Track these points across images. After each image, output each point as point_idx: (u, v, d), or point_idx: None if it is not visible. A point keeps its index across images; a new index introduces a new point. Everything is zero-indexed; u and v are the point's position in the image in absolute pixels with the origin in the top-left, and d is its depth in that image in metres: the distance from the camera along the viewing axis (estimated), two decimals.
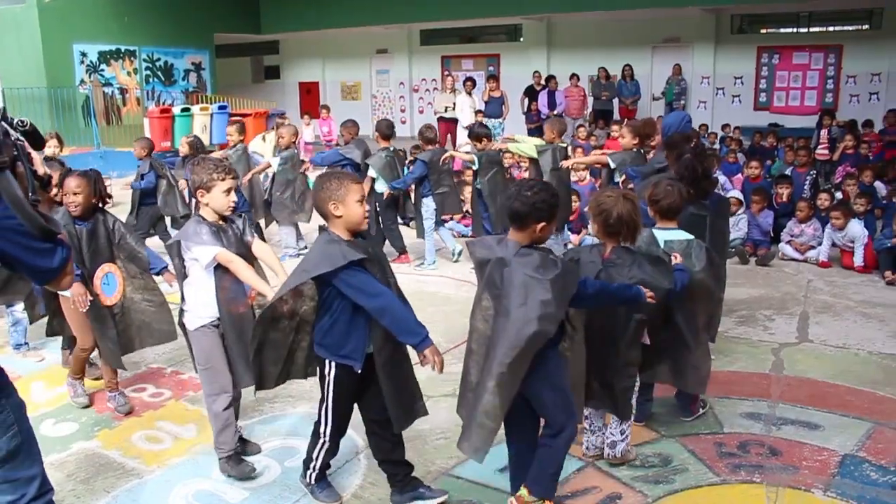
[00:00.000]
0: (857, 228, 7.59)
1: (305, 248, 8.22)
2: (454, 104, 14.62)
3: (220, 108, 16.73)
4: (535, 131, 15.72)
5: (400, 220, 8.13)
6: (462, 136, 14.19)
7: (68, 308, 4.23)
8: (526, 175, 8.61)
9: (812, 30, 17.06)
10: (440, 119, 14.91)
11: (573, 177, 9.39)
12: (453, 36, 20.97)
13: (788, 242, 8.03)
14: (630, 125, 7.11)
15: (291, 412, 4.43)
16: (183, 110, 16.11)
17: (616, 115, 16.02)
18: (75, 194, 4.13)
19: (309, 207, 8.15)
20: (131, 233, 4.40)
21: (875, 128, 13.16)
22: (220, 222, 3.57)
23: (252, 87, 23.30)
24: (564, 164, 7.41)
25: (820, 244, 7.84)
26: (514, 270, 2.97)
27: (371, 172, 7.62)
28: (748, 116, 16.98)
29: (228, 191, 3.54)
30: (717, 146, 13.54)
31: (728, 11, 17.28)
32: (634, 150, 6.73)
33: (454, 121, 14.62)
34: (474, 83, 15.02)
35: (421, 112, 21.30)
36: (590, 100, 16.65)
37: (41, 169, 5.32)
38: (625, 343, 3.57)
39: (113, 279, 4.23)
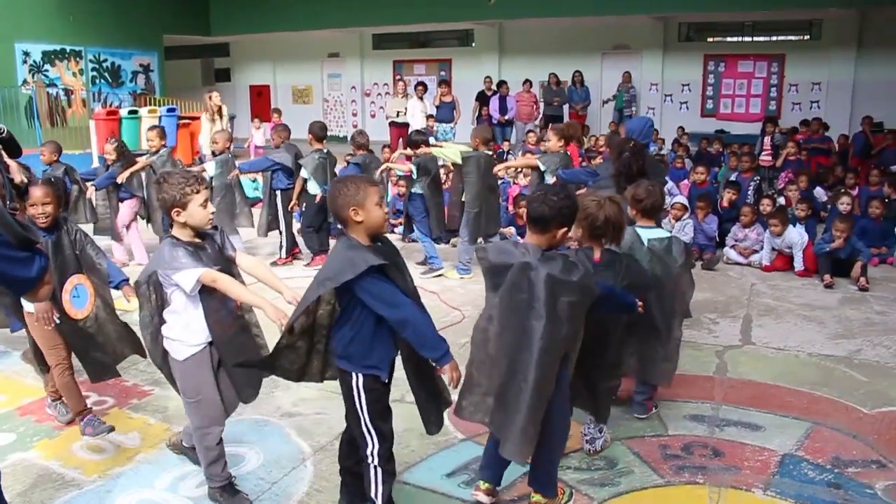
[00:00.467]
0: (794, 234, 7.79)
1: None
2: (406, 109, 14.62)
3: (169, 110, 16.47)
4: None
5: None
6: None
7: (32, 323, 3.99)
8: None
9: (756, 39, 17.48)
10: (392, 124, 14.89)
11: (522, 181, 9.48)
12: (405, 40, 20.99)
13: (733, 247, 8.19)
14: (555, 128, 7.34)
15: (236, 419, 4.35)
16: (130, 112, 15.83)
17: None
18: (44, 204, 3.89)
19: (248, 212, 8.06)
20: (91, 242, 4.14)
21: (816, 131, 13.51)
22: (196, 240, 3.31)
23: (202, 90, 22.79)
24: (496, 169, 7.40)
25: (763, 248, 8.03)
26: (541, 273, 3.01)
27: (303, 173, 7.64)
28: (695, 123, 17.30)
29: (205, 203, 3.28)
30: (664, 152, 13.78)
31: (676, 20, 17.62)
32: (561, 152, 6.93)
33: (406, 125, 14.60)
34: (426, 88, 15.03)
35: (373, 116, 21.25)
36: (541, 105, 16.79)
37: (18, 177, 5.16)
38: (615, 343, 3.72)
39: (84, 291, 3.95)
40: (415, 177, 7.52)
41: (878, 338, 5.82)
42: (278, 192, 7.94)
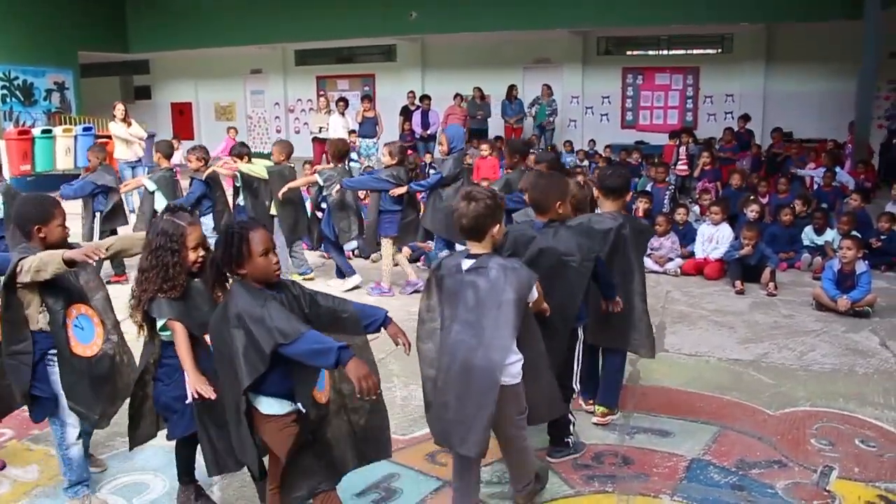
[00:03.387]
0: (727, 229, 8.08)
1: None
2: (327, 124, 14.56)
3: (85, 129, 15.99)
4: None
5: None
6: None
7: (276, 431, 2.90)
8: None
9: (672, 52, 17.96)
10: (315, 139, 14.81)
11: None
12: (328, 56, 20.87)
13: (648, 255, 8.35)
14: (327, 148, 7.89)
15: (141, 447, 4.22)
16: (44, 132, 15.32)
17: (500, 135, 16.33)
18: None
19: None
20: (314, 291, 3.11)
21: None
22: None
23: None
24: (281, 192, 7.58)
25: (679, 256, 8.23)
26: (628, 228, 4.17)
27: (149, 185, 7.63)
28: (616, 135, 17.68)
29: None
30: (585, 163, 14.03)
31: (594, 34, 17.97)
32: (339, 167, 7.61)
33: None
34: (347, 103, 15.00)
35: (297, 132, 21.06)
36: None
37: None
38: None
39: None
40: (238, 183, 7.82)
41: (785, 340, 6.02)
42: (97, 215, 7.83)
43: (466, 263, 3.14)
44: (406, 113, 16.30)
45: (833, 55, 15.63)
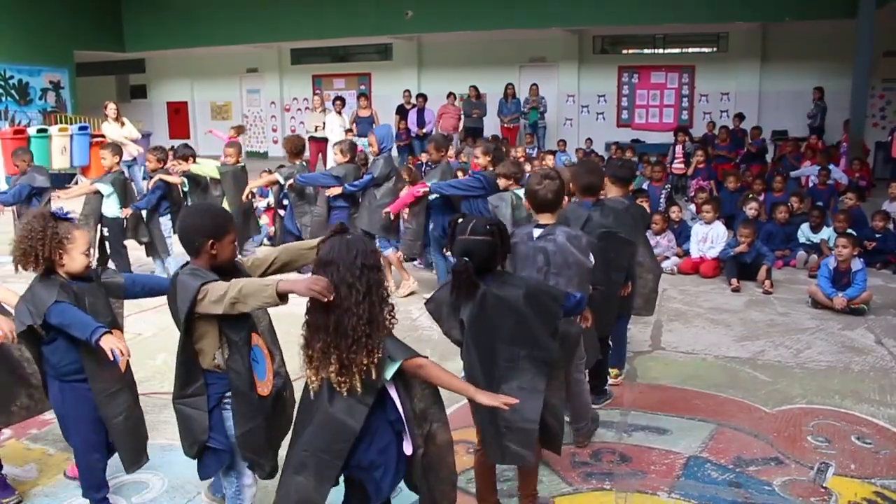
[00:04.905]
0: (720, 227, 8.09)
1: None
2: (324, 124, 14.54)
3: (81, 128, 15.96)
4: (404, 149, 15.84)
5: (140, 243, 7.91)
6: (332, 156, 14.10)
7: None
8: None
9: (667, 51, 18.00)
10: (311, 138, 14.77)
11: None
12: (324, 55, 20.89)
13: None
14: (285, 143, 8.09)
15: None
16: (39, 131, 15.30)
17: (496, 134, 16.35)
18: None
19: None
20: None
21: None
22: None
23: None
24: (246, 193, 7.76)
25: (674, 255, 8.25)
26: (636, 210, 5.00)
27: (105, 189, 7.43)
28: (612, 133, 17.73)
29: None
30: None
31: (590, 33, 18.00)
32: (296, 163, 7.90)
33: (325, 140, 14.52)
34: (343, 102, 14.98)
35: (293, 131, 21.04)
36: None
37: None
38: None
39: None
40: (186, 188, 7.92)
41: (780, 338, 6.04)
42: None
43: (536, 232, 3.65)
44: (402, 112, 16.29)
45: (828, 54, 15.68)
